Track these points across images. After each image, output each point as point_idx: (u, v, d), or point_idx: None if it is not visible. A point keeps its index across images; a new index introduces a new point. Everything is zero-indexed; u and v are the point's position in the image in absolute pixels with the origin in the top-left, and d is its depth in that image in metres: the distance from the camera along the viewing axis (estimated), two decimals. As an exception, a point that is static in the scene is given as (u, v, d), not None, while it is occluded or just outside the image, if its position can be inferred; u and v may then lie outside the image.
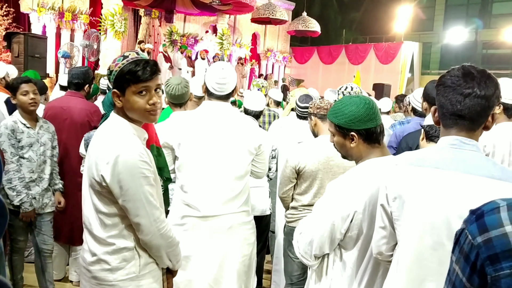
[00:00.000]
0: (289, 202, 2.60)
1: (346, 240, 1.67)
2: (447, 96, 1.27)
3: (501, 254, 0.67)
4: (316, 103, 2.59)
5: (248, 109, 3.27)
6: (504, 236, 0.68)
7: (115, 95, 1.62)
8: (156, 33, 12.66)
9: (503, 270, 0.67)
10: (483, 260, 0.70)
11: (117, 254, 1.65)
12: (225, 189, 2.19)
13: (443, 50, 22.11)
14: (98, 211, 1.65)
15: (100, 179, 1.58)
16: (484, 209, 0.72)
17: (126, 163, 1.56)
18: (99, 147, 1.63)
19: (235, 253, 2.25)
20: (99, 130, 1.71)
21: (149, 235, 1.64)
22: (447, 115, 1.30)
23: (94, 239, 1.68)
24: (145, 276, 1.70)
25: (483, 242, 0.70)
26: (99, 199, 1.63)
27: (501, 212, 0.70)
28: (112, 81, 1.61)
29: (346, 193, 1.64)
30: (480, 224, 0.71)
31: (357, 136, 1.68)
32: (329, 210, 1.67)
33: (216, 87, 2.21)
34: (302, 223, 1.83)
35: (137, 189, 1.59)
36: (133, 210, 1.60)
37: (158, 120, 1.89)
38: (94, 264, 1.68)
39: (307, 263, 1.78)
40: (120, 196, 1.59)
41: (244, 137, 2.24)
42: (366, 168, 1.68)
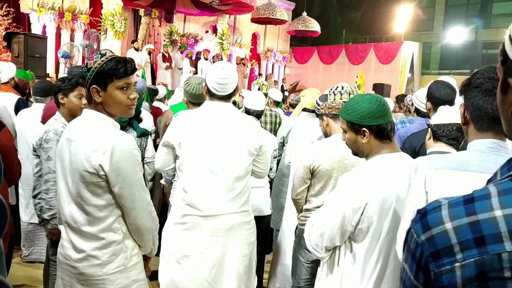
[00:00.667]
0: (303, 204, 2.55)
1: (356, 232, 1.69)
2: (487, 101, 1.26)
3: (442, 251, 0.70)
4: (327, 103, 2.58)
5: (249, 109, 3.27)
6: (444, 233, 0.70)
7: (94, 90, 1.69)
8: (156, 33, 12.67)
9: (444, 266, 0.70)
10: (426, 257, 0.72)
11: (106, 248, 1.71)
12: (226, 189, 2.19)
13: (443, 50, 22.13)
14: (87, 205, 1.68)
15: (95, 169, 1.63)
16: (428, 208, 0.76)
17: (123, 152, 1.66)
18: (87, 140, 1.66)
19: (235, 253, 2.25)
20: (77, 126, 1.74)
21: (143, 219, 1.75)
22: (484, 119, 1.29)
23: (80, 236, 1.72)
24: (133, 267, 1.79)
25: (426, 240, 0.72)
26: (91, 191, 1.67)
27: (442, 210, 0.72)
28: (91, 77, 1.68)
29: (358, 186, 1.67)
30: (424, 222, 0.74)
31: (369, 132, 1.73)
32: (340, 203, 1.69)
33: (217, 87, 2.21)
34: (313, 216, 1.85)
35: (133, 175, 1.70)
36: (129, 196, 1.70)
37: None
38: (82, 261, 1.71)
39: (318, 255, 1.81)
40: (117, 184, 1.66)
41: (245, 137, 2.23)
42: (378, 162, 1.72)
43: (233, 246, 2.24)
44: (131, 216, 1.74)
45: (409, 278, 0.77)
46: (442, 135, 2.06)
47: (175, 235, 2.23)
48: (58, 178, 1.77)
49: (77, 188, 1.69)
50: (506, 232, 0.66)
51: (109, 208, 1.70)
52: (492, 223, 0.67)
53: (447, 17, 22.23)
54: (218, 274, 2.22)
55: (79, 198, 1.69)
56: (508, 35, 0.70)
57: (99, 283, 1.73)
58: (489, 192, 0.70)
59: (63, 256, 1.78)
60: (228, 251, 2.23)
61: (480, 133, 1.31)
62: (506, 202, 0.67)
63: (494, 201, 0.68)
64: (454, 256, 0.69)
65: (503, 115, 0.75)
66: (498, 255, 0.66)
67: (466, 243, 0.68)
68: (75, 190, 1.69)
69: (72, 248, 1.74)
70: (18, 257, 3.73)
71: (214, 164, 2.17)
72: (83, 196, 1.68)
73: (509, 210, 0.67)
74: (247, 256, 2.31)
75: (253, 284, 2.41)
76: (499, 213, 0.67)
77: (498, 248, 0.66)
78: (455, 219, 0.70)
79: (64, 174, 1.74)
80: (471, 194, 0.72)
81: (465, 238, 0.68)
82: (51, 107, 3.43)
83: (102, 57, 1.68)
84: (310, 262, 2.58)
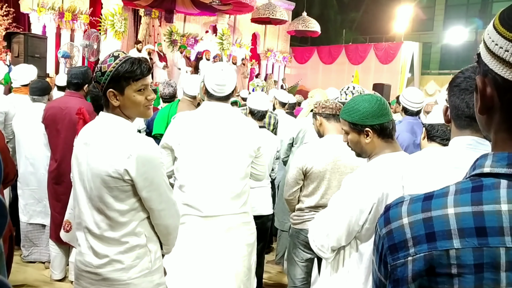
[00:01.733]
0: (295, 204, 2.58)
1: (363, 232, 1.70)
2: (464, 99, 1.30)
3: (398, 245, 0.72)
4: (321, 102, 2.59)
5: (253, 109, 3.28)
6: (401, 228, 0.72)
7: (111, 94, 1.64)
8: (156, 33, 12.67)
9: (399, 260, 0.72)
10: (385, 250, 0.75)
11: (130, 252, 1.68)
12: (224, 190, 2.19)
13: (443, 50, 22.11)
14: (110, 210, 1.65)
15: (120, 173, 1.60)
16: (392, 203, 0.78)
17: (148, 155, 1.64)
18: (108, 144, 1.63)
19: (234, 253, 2.25)
20: (94, 130, 1.70)
21: (171, 219, 1.76)
22: (462, 117, 1.32)
23: (102, 241, 1.68)
24: (156, 271, 1.77)
25: (386, 234, 0.75)
26: (114, 196, 1.64)
27: (403, 206, 0.75)
28: (106, 81, 1.62)
29: (364, 186, 1.67)
30: (386, 217, 0.76)
31: (372, 131, 1.73)
32: (347, 203, 1.69)
33: (216, 88, 2.21)
34: (317, 217, 1.84)
35: (159, 178, 1.69)
36: (157, 198, 1.69)
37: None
38: (105, 266, 1.68)
39: (323, 256, 1.81)
40: (145, 188, 1.64)
41: (243, 139, 2.23)
42: (382, 162, 1.72)
43: (232, 246, 2.24)
44: (160, 217, 1.73)
45: (375, 270, 0.79)
46: (436, 135, 2.06)
47: (175, 236, 2.23)
48: (76, 183, 1.73)
49: (99, 194, 1.65)
50: (456, 230, 0.67)
51: (132, 212, 1.68)
52: (443, 220, 0.69)
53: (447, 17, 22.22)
54: (218, 274, 2.22)
55: (101, 203, 1.65)
56: (485, 33, 0.71)
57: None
58: (447, 191, 0.72)
59: (82, 264, 1.74)
60: (227, 252, 2.23)
61: (460, 130, 1.34)
62: (460, 201, 0.69)
63: (449, 199, 0.70)
64: (408, 250, 0.71)
65: (476, 114, 0.76)
66: (446, 252, 0.67)
67: (419, 238, 0.70)
68: (97, 196, 1.66)
69: (93, 255, 1.70)
70: (18, 257, 3.74)
71: (213, 165, 2.17)
72: (106, 201, 1.64)
73: (461, 208, 0.68)
74: (247, 257, 2.31)
75: (252, 285, 2.42)
76: (451, 211, 0.69)
77: (447, 244, 0.67)
78: (411, 214, 0.72)
79: (82, 179, 1.69)
80: (432, 191, 0.74)
81: (418, 233, 0.70)
82: (52, 107, 3.44)
83: (116, 59, 1.62)
84: (305, 261, 2.59)
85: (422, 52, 18.11)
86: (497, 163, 0.69)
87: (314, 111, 2.61)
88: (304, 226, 2.50)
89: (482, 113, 0.73)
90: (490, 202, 0.67)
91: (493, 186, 0.68)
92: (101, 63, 1.66)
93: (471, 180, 0.71)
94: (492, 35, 0.69)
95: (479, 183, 0.69)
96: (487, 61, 0.69)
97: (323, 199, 2.45)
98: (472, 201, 0.68)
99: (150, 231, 1.75)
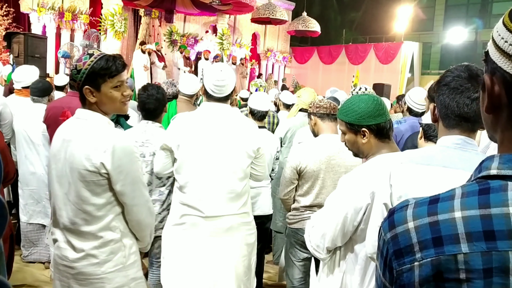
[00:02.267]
0: (291, 204, 2.60)
1: (358, 232, 1.69)
2: (454, 98, 1.30)
3: (404, 249, 0.70)
4: (315, 102, 2.59)
5: (254, 110, 3.28)
6: (406, 232, 0.71)
7: (88, 91, 1.69)
8: (156, 33, 12.66)
9: (405, 265, 0.70)
10: (390, 255, 0.73)
11: (105, 247, 1.72)
12: (225, 190, 2.19)
13: (443, 50, 22.12)
14: (86, 204, 1.69)
15: (96, 167, 1.65)
16: (396, 207, 0.76)
17: (125, 149, 1.69)
18: (86, 139, 1.67)
19: (234, 253, 2.25)
20: (73, 126, 1.73)
21: (143, 215, 1.79)
22: (451, 116, 1.32)
23: (78, 236, 1.73)
24: (131, 266, 1.80)
25: (391, 238, 0.73)
26: (91, 190, 1.68)
27: (408, 209, 0.73)
28: (82, 79, 1.67)
29: (359, 186, 1.66)
30: (390, 221, 0.75)
31: (368, 131, 1.73)
32: (342, 203, 1.69)
33: (215, 89, 2.21)
34: (313, 217, 1.84)
35: (135, 172, 1.73)
36: (131, 192, 1.73)
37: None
38: (80, 260, 1.72)
39: (319, 257, 1.81)
40: (119, 181, 1.68)
41: (243, 139, 2.23)
42: (378, 162, 1.72)
43: (232, 246, 2.24)
44: (133, 212, 1.77)
45: (379, 275, 0.78)
46: (432, 135, 2.06)
47: (175, 236, 2.23)
48: (53, 180, 1.77)
49: (76, 188, 1.69)
50: (463, 234, 0.66)
51: (108, 206, 1.72)
52: (450, 224, 0.67)
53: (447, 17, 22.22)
54: (218, 274, 2.22)
55: (78, 198, 1.70)
56: (494, 30, 0.70)
57: (97, 282, 1.74)
58: (453, 194, 0.70)
59: (59, 258, 1.78)
60: (227, 252, 2.23)
61: (448, 130, 1.34)
62: (467, 204, 0.67)
63: (456, 202, 0.68)
64: (414, 255, 0.69)
65: (482, 114, 0.75)
66: (454, 256, 0.66)
67: (425, 242, 0.68)
68: (74, 190, 1.70)
69: (70, 249, 1.75)
70: (18, 257, 3.73)
71: (212, 166, 2.17)
72: (83, 195, 1.69)
73: (469, 212, 0.66)
74: (246, 257, 2.31)
75: (252, 285, 2.41)
76: (458, 214, 0.67)
77: (454, 249, 0.66)
78: (417, 218, 0.71)
79: (59, 176, 1.73)
80: (438, 194, 0.72)
81: (425, 237, 0.68)
82: (53, 107, 3.44)
83: (90, 57, 1.68)
84: (302, 260, 2.60)
85: (422, 52, 18.11)
86: (504, 164, 0.68)
87: (309, 111, 2.62)
88: (300, 225, 2.50)
89: (489, 112, 0.72)
90: (498, 205, 0.65)
91: (500, 188, 0.66)
92: (76, 61, 1.70)
93: (477, 182, 0.70)
94: (501, 32, 0.68)
95: (486, 186, 0.68)
96: (496, 58, 0.68)
97: (318, 199, 2.46)
98: (479, 204, 0.66)
99: (125, 226, 1.79)
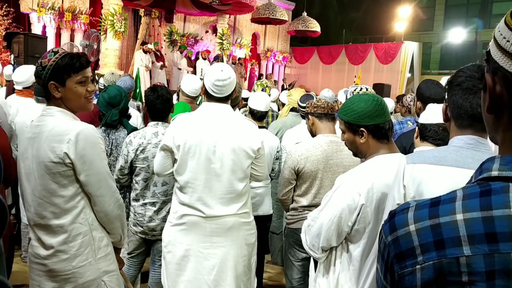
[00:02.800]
0: (289, 204, 2.60)
1: (353, 233, 1.70)
2: (467, 99, 1.29)
3: (405, 252, 0.70)
4: (313, 102, 2.60)
5: (253, 110, 3.27)
6: (408, 235, 0.70)
7: (53, 86, 1.72)
8: (156, 33, 12.66)
9: (407, 268, 0.70)
10: (392, 258, 0.72)
11: (73, 241, 1.73)
12: (225, 190, 2.19)
13: (443, 50, 22.13)
14: (54, 196, 1.70)
15: (61, 158, 1.67)
16: (397, 210, 0.75)
17: (87, 139, 1.71)
18: (50, 132, 1.69)
19: (234, 253, 2.25)
20: (38, 123, 1.75)
21: (110, 206, 1.79)
22: (464, 116, 1.31)
23: (47, 231, 1.74)
24: (102, 259, 1.81)
25: (392, 241, 0.72)
26: (57, 182, 1.70)
27: (409, 212, 0.72)
28: (47, 74, 1.71)
29: (354, 187, 1.67)
30: (391, 223, 0.74)
31: (366, 132, 1.73)
32: (337, 203, 1.70)
33: (215, 89, 2.20)
34: (310, 216, 1.85)
35: (99, 162, 1.75)
36: (96, 183, 1.74)
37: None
38: (51, 257, 1.73)
39: (314, 256, 1.82)
40: (83, 171, 1.70)
41: (243, 139, 2.23)
42: (375, 163, 1.72)
43: (232, 246, 2.24)
44: (99, 203, 1.77)
45: (380, 278, 0.77)
46: (428, 135, 2.06)
47: (175, 236, 2.23)
48: (22, 179, 1.78)
49: (43, 182, 1.71)
50: (465, 236, 0.65)
51: (76, 199, 1.74)
52: (452, 226, 0.66)
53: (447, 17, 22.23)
54: (218, 274, 2.22)
55: (45, 191, 1.71)
56: (496, 30, 0.70)
57: (69, 278, 1.74)
58: (455, 196, 0.70)
59: (32, 256, 1.80)
60: (227, 252, 2.23)
61: (460, 130, 1.33)
62: (469, 206, 0.67)
63: (457, 204, 0.68)
64: (416, 258, 0.69)
65: (483, 114, 0.74)
66: (456, 259, 0.65)
67: (427, 245, 0.68)
68: (41, 184, 1.71)
69: (40, 246, 1.76)
70: (18, 257, 3.73)
71: (213, 166, 2.17)
72: (50, 188, 1.70)
73: (471, 214, 0.66)
74: (247, 257, 2.31)
75: (253, 285, 2.41)
76: (460, 217, 0.66)
77: (457, 252, 0.65)
78: (418, 221, 0.70)
79: (27, 173, 1.75)
80: (439, 197, 0.72)
81: (426, 240, 0.68)
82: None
83: (55, 54, 1.72)
84: (300, 260, 2.60)
85: (422, 52, 18.11)
86: (505, 166, 0.67)
87: (306, 111, 2.62)
88: (299, 225, 2.50)
89: (490, 112, 0.71)
90: (500, 207, 0.64)
91: (502, 190, 0.66)
92: (41, 59, 1.73)
93: (478, 184, 0.69)
94: (503, 32, 0.67)
95: (487, 188, 0.67)
96: (498, 58, 0.68)
97: (316, 199, 2.46)
98: (481, 206, 0.66)
99: (94, 218, 1.79)
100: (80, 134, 1.69)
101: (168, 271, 2.26)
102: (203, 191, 2.17)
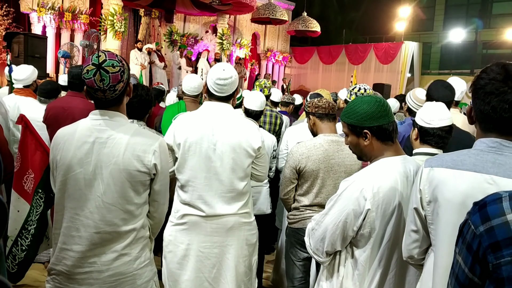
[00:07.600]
0: (291, 203, 2.59)
1: (358, 237, 1.67)
2: (490, 103, 1.24)
3: (502, 242, 0.69)
4: (314, 102, 2.59)
5: (248, 109, 3.26)
6: (505, 225, 0.69)
7: (128, 90, 1.79)
8: (156, 33, 12.66)
9: (504, 258, 0.68)
10: (484, 249, 0.71)
11: (136, 244, 1.76)
12: (225, 190, 2.19)
13: (443, 50, 22.12)
14: (130, 204, 1.71)
15: (149, 168, 1.71)
16: (487, 200, 0.74)
17: (165, 151, 1.81)
18: (132, 139, 1.69)
19: (235, 253, 2.24)
20: (103, 127, 1.69)
21: (164, 213, 1.90)
22: (487, 120, 1.28)
23: (112, 237, 1.71)
24: (153, 261, 1.88)
25: (485, 231, 0.71)
26: (135, 190, 1.72)
27: (503, 202, 0.71)
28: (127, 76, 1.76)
29: (360, 191, 1.63)
30: (483, 213, 0.73)
31: (370, 133, 1.70)
32: (342, 207, 1.67)
33: (217, 88, 2.20)
34: (314, 220, 1.82)
35: (167, 173, 1.85)
36: (165, 192, 1.84)
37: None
38: (114, 261, 1.72)
39: (318, 260, 1.80)
40: (159, 181, 1.78)
41: (243, 139, 2.22)
42: (380, 166, 1.69)
43: (233, 246, 2.23)
44: (160, 210, 1.86)
45: (462, 271, 0.75)
46: (431, 139, 2.03)
47: (176, 236, 2.23)
48: (77, 185, 1.67)
49: (121, 189, 1.67)
50: None
51: (145, 206, 1.79)
52: None
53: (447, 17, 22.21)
54: (219, 274, 2.22)
55: (121, 199, 1.68)
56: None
57: (129, 280, 1.75)
58: None
59: (76, 267, 1.69)
60: (228, 252, 2.23)
61: (484, 133, 1.31)
62: None
63: None
64: None
65: None
66: None
67: None
68: (118, 191, 1.67)
69: (97, 255, 1.69)
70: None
71: (213, 165, 2.17)
72: (128, 195, 1.70)
73: None
74: (248, 257, 2.31)
75: (253, 285, 2.41)
76: None
77: None
78: None
79: (89, 179, 1.66)
80: None
81: None
82: (54, 107, 3.43)
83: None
84: (302, 260, 2.60)
85: (422, 52, 18.11)
86: None
87: (307, 111, 2.62)
88: (300, 225, 2.50)
89: None
90: None
91: None
92: (120, 62, 1.68)
93: None
94: None
95: None
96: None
97: (318, 198, 2.46)
98: None
99: (148, 223, 1.84)
100: (161, 146, 1.76)
101: (169, 271, 2.26)
102: (203, 189, 2.17)
